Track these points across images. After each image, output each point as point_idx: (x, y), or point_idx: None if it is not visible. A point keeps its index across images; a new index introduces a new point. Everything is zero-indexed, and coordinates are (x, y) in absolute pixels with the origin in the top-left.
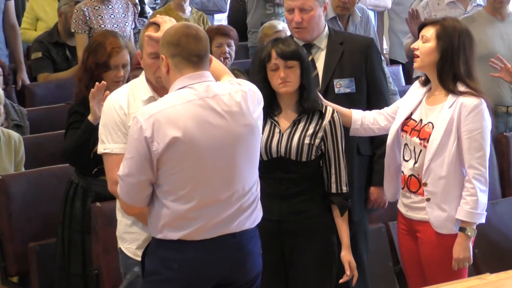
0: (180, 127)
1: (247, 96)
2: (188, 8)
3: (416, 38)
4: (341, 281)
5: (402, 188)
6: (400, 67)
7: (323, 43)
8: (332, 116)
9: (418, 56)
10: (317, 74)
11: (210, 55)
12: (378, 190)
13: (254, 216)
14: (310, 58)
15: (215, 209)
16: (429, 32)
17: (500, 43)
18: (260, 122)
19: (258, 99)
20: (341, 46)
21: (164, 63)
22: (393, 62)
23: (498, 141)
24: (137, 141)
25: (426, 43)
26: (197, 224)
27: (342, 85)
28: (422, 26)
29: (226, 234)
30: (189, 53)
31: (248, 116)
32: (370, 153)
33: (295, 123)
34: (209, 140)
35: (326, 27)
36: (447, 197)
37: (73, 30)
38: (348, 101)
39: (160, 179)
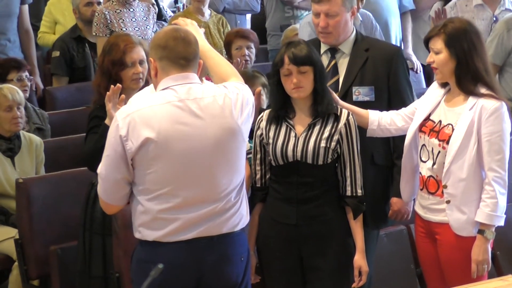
0: (155, 127)
1: (231, 101)
2: (207, 12)
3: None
4: (353, 286)
5: (421, 189)
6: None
7: (348, 48)
8: (347, 119)
9: (436, 68)
10: (338, 80)
11: (223, 59)
12: (400, 201)
13: (234, 221)
14: (333, 63)
15: (188, 211)
16: (437, 43)
17: None
18: (244, 128)
19: (242, 104)
20: (366, 53)
21: (152, 66)
22: None
23: None
24: (113, 140)
25: (439, 54)
26: (171, 225)
27: (361, 93)
28: (427, 39)
29: (202, 237)
30: (176, 55)
31: (230, 119)
32: (385, 163)
33: (310, 127)
34: (184, 142)
35: (354, 32)
36: (467, 200)
37: (94, 34)
38: (366, 109)
39: (136, 178)
